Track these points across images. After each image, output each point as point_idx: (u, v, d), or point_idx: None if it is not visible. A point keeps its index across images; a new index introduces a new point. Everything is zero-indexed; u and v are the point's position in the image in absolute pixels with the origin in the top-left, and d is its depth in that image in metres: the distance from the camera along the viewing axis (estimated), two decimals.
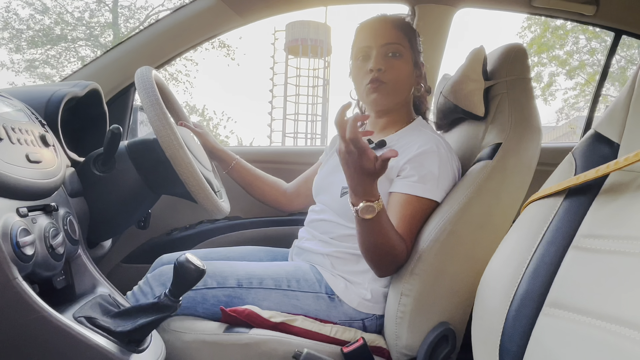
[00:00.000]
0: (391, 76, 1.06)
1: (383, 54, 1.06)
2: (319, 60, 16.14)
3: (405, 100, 1.13)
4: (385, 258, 0.94)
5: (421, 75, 1.13)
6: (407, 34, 1.09)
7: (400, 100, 1.11)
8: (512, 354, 0.62)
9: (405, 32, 1.09)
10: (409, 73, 1.09)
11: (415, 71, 1.11)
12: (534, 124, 1.02)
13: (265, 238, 1.48)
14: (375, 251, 0.93)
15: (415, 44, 1.11)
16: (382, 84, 1.06)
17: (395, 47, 1.07)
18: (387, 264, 0.95)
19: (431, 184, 0.98)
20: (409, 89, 1.11)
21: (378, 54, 1.06)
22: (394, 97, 1.09)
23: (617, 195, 0.61)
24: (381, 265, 0.96)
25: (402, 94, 1.10)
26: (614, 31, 1.67)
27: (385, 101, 1.09)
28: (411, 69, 1.10)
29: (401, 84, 1.08)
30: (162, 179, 1.02)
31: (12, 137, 0.72)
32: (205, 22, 1.40)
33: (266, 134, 16.82)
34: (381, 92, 1.07)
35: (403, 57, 1.07)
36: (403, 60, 1.08)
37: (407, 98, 1.13)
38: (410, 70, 1.09)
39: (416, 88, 1.13)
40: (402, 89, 1.09)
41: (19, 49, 13.28)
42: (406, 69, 1.08)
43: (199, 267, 0.72)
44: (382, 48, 1.06)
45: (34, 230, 0.69)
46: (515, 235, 0.73)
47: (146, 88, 0.96)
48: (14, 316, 0.62)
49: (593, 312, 0.54)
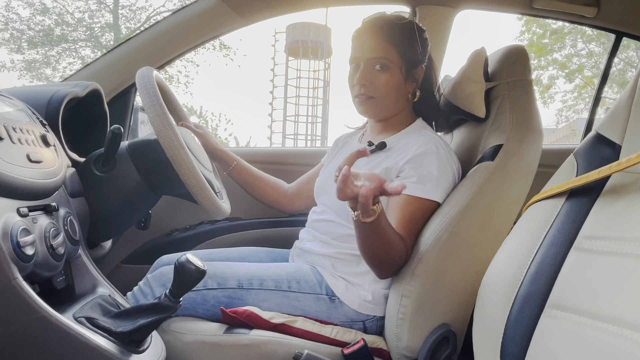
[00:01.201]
0: (378, 91, 1.07)
1: (369, 68, 1.06)
2: (319, 62, 16.15)
3: (398, 108, 1.11)
4: (385, 260, 0.94)
5: (417, 80, 1.10)
6: (397, 43, 1.06)
7: (391, 111, 1.11)
8: (513, 355, 0.62)
9: (395, 41, 1.05)
10: (397, 84, 1.07)
11: (408, 80, 1.09)
12: (535, 126, 1.02)
13: (265, 239, 1.48)
14: (375, 254, 0.93)
15: (408, 51, 1.07)
16: (370, 98, 1.08)
17: (381, 61, 1.05)
18: (387, 266, 0.95)
19: (430, 185, 0.98)
20: (399, 99, 1.10)
21: (364, 67, 1.07)
22: (383, 109, 1.10)
23: (619, 197, 0.61)
24: (381, 267, 0.96)
25: (392, 105, 1.10)
26: (614, 33, 1.67)
27: (373, 113, 1.11)
28: (400, 80, 1.07)
29: (389, 96, 1.08)
30: (162, 180, 1.02)
31: (12, 137, 0.72)
32: (206, 23, 1.40)
33: (266, 136, 16.82)
34: (368, 106, 1.09)
35: (390, 69, 1.06)
36: (390, 72, 1.06)
37: (400, 106, 1.11)
38: (398, 81, 1.07)
39: (411, 94, 1.11)
40: (392, 100, 1.09)
41: (19, 49, 13.29)
42: (393, 81, 1.06)
43: (200, 267, 0.72)
44: (369, 62, 1.06)
45: (35, 230, 0.69)
46: (516, 236, 0.73)
47: (147, 88, 0.96)
48: (14, 316, 0.62)
49: (595, 313, 0.54)
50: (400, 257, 0.94)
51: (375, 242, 0.90)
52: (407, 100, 1.12)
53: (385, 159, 1.07)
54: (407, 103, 1.13)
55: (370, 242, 0.90)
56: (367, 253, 0.93)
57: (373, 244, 0.91)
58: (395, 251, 0.93)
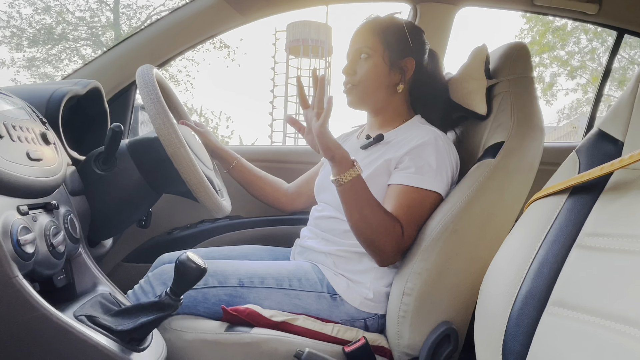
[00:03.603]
0: (359, 77, 1.11)
1: (355, 59, 1.13)
2: (319, 60, 16.14)
3: (385, 98, 1.12)
4: (376, 232, 0.94)
5: (404, 71, 1.11)
6: (381, 34, 1.10)
7: (376, 99, 1.12)
8: (515, 353, 0.61)
9: (379, 33, 1.10)
10: (379, 71, 1.10)
11: (393, 69, 1.10)
12: (537, 123, 1.01)
13: (266, 237, 1.48)
14: (364, 224, 0.94)
15: (393, 41, 1.10)
16: (353, 87, 1.12)
17: (364, 50, 1.10)
18: (381, 245, 0.95)
19: (428, 175, 0.98)
20: (383, 87, 1.11)
21: (351, 59, 1.13)
22: (366, 97, 1.12)
23: (621, 193, 0.60)
24: (374, 247, 0.96)
25: (375, 93, 1.12)
26: (616, 30, 1.67)
27: (359, 102, 1.14)
28: (383, 68, 1.10)
29: (371, 83, 1.10)
30: (163, 178, 1.02)
31: (12, 135, 0.72)
32: (206, 21, 1.40)
33: (267, 134, 16.82)
34: (353, 95, 1.13)
35: (372, 57, 1.10)
36: (372, 60, 1.10)
37: (386, 96, 1.12)
38: (381, 69, 1.10)
39: (398, 85, 1.12)
40: (374, 88, 1.11)
41: (19, 47, 13.29)
42: (375, 69, 1.10)
43: (200, 265, 0.72)
44: (355, 52, 1.12)
45: (35, 229, 0.69)
46: (518, 233, 0.73)
47: (147, 86, 0.96)
48: (14, 314, 0.62)
49: (597, 311, 0.54)
50: (392, 235, 0.94)
51: (362, 207, 0.94)
52: (395, 92, 1.13)
53: (384, 152, 1.07)
54: (396, 96, 1.13)
55: (357, 207, 0.95)
56: (357, 224, 0.96)
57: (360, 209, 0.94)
58: (386, 222, 0.94)
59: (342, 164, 0.95)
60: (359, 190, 0.95)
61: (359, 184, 0.95)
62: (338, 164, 0.95)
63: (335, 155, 0.95)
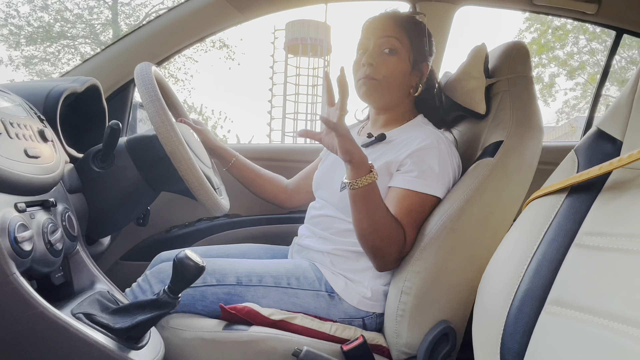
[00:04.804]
0: (383, 73, 1.06)
1: (379, 49, 1.07)
2: (318, 59, 16.12)
3: (399, 98, 1.11)
4: (383, 239, 0.93)
5: (422, 75, 1.11)
6: (408, 31, 1.08)
7: (391, 99, 1.10)
8: (513, 352, 0.61)
9: (407, 29, 1.08)
10: (403, 72, 1.08)
11: (414, 71, 1.09)
12: (536, 122, 1.01)
13: (264, 236, 1.48)
14: (372, 230, 0.93)
15: (418, 43, 1.09)
16: (373, 80, 1.07)
17: (392, 41, 1.06)
18: (385, 251, 0.95)
19: (431, 180, 0.98)
20: (402, 88, 1.10)
21: (374, 47, 1.07)
22: (384, 94, 1.09)
23: (620, 193, 0.60)
24: (378, 253, 0.95)
25: (393, 93, 1.09)
26: (615, 30, 1.67)
27: (374, 98, 1.10)
28: (407, 68, 1.08)
29: (393, 82, 1.07)
30: (161, 176, 1.02)
31: (10, 132, 0.72)
32: (205, 18, 1.39)
33: (266, 133, 16.81)
34: (370, 88, 1.08)
35: (398, 54, 1.07)
36: (398, 57, 1.07)
37: (401, 96, 1.11)
38: (405, 69, 1.08)
39: (413, 88, 1.11)
40: (394, 87, 1.08)
41: (17, 45, 13.25)
42: (400, 67, 1.07)
43: (199, 264, 0.72)
44: (380, 40, 1.07)
45: (32, 226, 0.68)
46: (516, 233, 0.73)
47: (146, 84, 0.95)
48: (11, 312, 0.62)
49: (595, 310, 0.54)
50: (396, 242, 0.94)
51: (372, 213, 0.91)
52: (409, 94, 1.12)
53: (385, 152, 1.07)
54: (408, 97, 1.13)
55: (367, 212, 0.92)
56: (364, 230, 0.94)
57: (370, 215, 0.92)
58: (392, 229, 0.93)
59: (360, 168, 0.91)
60: (372, 196, 0.93)
61: (372, 190, 0.92)
62: (355, 168, 0.91)
63: (354, 158, 0.90)
